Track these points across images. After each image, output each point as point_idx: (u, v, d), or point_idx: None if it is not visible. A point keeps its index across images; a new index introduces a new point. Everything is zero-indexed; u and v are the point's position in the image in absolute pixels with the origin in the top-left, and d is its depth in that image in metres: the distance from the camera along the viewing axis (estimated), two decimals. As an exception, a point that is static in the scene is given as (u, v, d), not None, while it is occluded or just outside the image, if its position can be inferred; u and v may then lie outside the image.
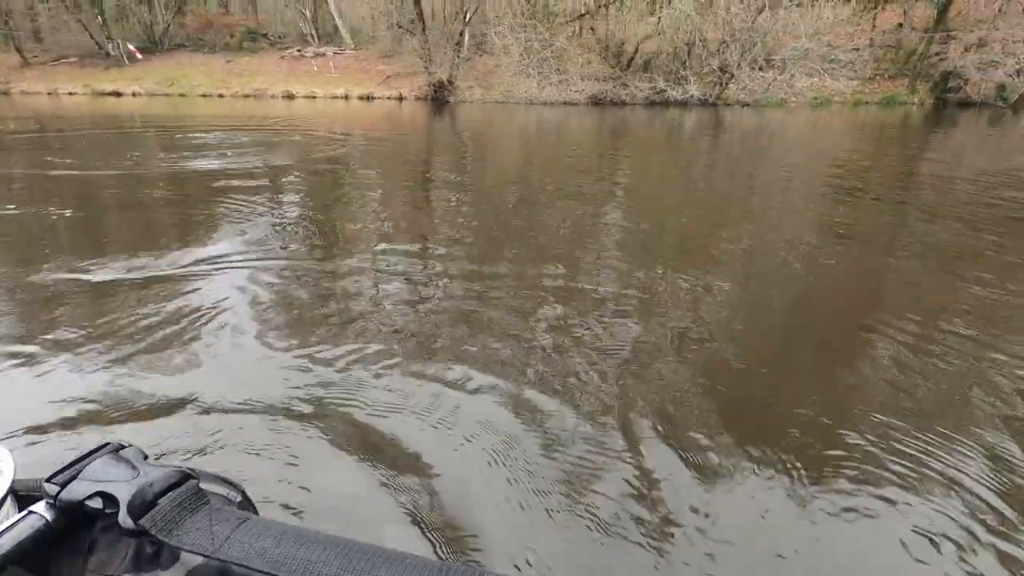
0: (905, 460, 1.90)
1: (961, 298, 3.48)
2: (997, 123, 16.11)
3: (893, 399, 2.28)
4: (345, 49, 32.32)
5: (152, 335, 2.65)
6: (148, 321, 2.80)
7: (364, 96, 26.58)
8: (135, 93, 26.44)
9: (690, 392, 2.27)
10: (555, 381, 2.33)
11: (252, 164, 7.80)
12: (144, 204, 5.53)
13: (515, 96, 23.75)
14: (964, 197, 6.58)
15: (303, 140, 11.31)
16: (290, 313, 2.98)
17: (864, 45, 24.98)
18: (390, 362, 2.46)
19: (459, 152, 10.55)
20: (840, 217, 5.69)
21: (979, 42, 19.80)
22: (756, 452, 1.91)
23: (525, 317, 2.94)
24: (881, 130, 14.97)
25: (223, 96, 26.84)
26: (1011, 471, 1.86)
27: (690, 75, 22.23)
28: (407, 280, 3.47)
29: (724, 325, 2.97)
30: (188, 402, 2.12)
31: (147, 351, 2.50)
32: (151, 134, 12.25)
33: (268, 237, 4.31)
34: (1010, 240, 4.68)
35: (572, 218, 5.18)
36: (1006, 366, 2.55)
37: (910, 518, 1.66)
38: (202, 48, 32.19)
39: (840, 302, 3.47)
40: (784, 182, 7.86)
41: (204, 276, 3.43)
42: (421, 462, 1.83)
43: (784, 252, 4.39)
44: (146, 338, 2.62)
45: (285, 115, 17.92)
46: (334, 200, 5.92)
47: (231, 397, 2.15)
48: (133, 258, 3.72)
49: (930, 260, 4.31)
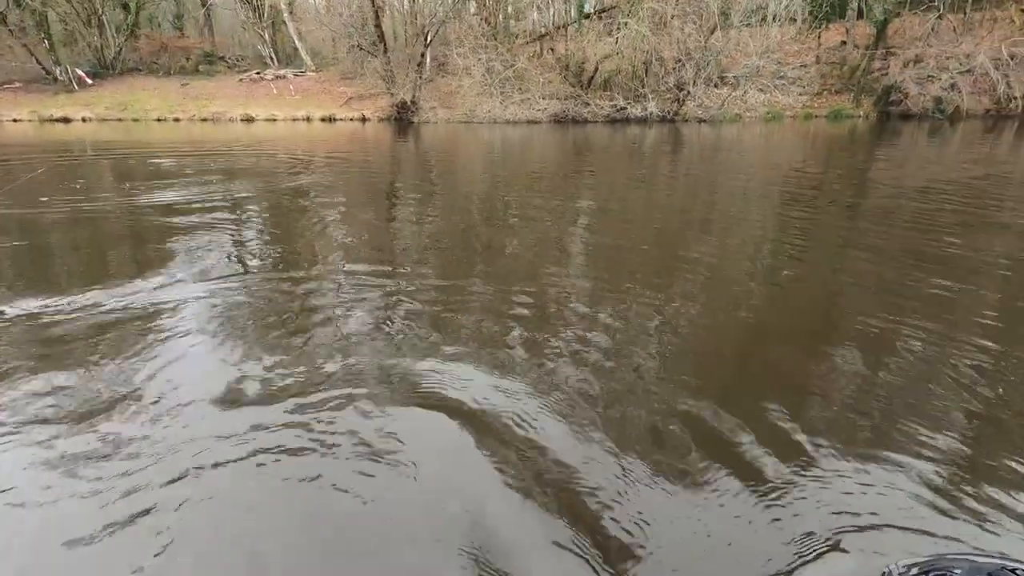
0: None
1: (915, 292, 3.64)
2: (936, 134, 16.99)
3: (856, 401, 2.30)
4: (306, 71, 32.06)
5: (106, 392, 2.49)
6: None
7: (326, 118, 26.34)
8: (85, 119, 25.57)
9: (657, 412, 2.25)
10: (515, 408, 2.28)
11: (209, 193, 7.57)
12: (94, 243, 5.29)
13: (478, 116, 23.90)
14: (910, 203, 6.88)
15: (264, 164, 11.08)
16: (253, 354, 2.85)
17: (811, 62, 26.14)
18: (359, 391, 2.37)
19: (424, 172, 10.51)
20: (797, 222, 5.90)
21: (916, 58, 20.94)
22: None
23: (493, 338, 2.90)
24: (831, 142, 15.61)
25: (179, 120, 26.20)
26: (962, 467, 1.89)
27: (648, 93, 22.81)
28: (373, 310, 3.38)
29: (690, 335, 2.98)
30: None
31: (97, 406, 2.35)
32: (104, 162, 11.81)
33: (224, 272, 4.15)
34: (959, 239, 4.90)
35: (538, 236, 5.17)
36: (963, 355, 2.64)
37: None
38: (156, 72, 31.47)
39: (803, 301, 3.54)
40: (742, 192, 8.08)
41: (163, 311, 3.27)
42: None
43: (747, 261, 4.48)
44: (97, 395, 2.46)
45: (245, 139, 17.57)
46: (299, 228, 5.73)
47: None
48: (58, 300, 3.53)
49: (884, 257, 4.50)
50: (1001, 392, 2.43)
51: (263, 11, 32.98)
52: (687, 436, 2.08)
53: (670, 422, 2.18)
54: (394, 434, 2.09)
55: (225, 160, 11.55)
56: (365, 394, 2.36)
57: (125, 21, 31.54)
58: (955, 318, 3.26)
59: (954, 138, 15.80)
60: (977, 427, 2.19)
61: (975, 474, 1.92)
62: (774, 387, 2.50)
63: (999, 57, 19.55)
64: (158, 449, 2.02)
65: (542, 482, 1.84)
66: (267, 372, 2.54)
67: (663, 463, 1.94)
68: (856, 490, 1.82)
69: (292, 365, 2.61)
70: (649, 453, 1.99)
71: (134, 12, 31.64)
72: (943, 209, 6.45)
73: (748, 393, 2.44)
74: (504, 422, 2.16)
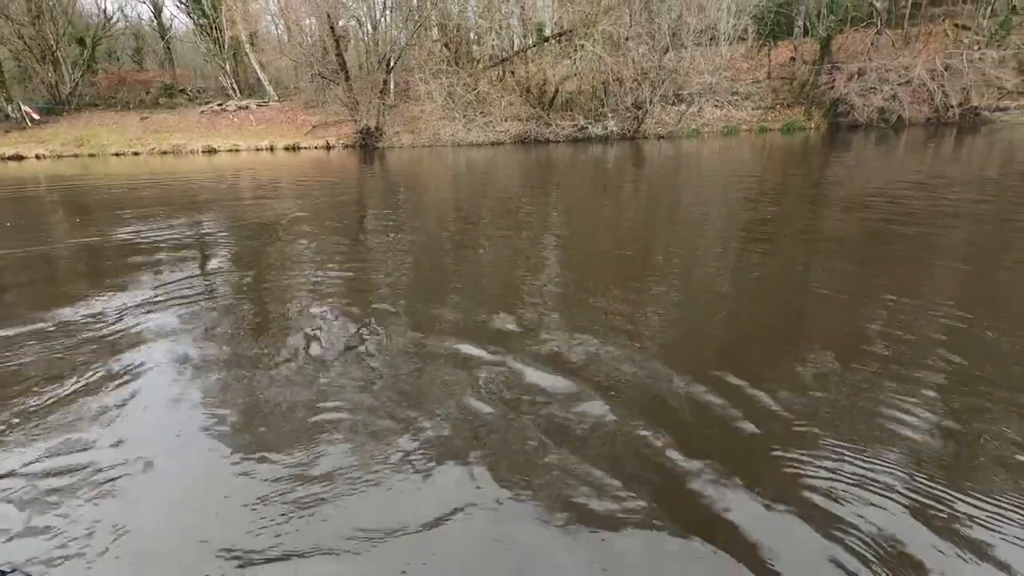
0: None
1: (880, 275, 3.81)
2: (882, 141, 17.75)
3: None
4: (269, 101, 31.97)
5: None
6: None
7: (290, 147, 26.22)
8: (39, 156, 24.98)
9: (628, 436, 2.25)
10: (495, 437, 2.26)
11: (168, 229, 7.40)
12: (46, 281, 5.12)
13: (442, 139, 24.11)
14: (864, 205, 7.16)
15: (224, 196, 10.94)
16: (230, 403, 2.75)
17: (763, 78, 27.17)
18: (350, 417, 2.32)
19: (392, 197, 10.47)
20: (762, 222, 6.14)
21: (859, 71, 21.90)
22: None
23: (466, 366, 2.87)
24: (786, 152, 16.17)
25: (138, 154, 25.78)
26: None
27: (608, 112, 23.33)
28: (351, 348, 3.24)
29: (664, 349, 3.01)
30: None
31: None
32: (54, 199, 11.52)
33: (194, 316, 3.88)
34: (911, 232, 5.09)
35: (507, 259, 5.13)
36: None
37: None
38: (115, 106, 31.03)
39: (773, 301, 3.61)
40: (704, 203, 8.30)
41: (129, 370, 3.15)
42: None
43: (714, 268, 4.59)
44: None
45: (206, 170, 17.36)
46: (265, 261, 5.48)
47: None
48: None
49: (845, 252, 4.76)
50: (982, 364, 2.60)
51: (223, 43, 32.92)
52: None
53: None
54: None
55: (184, 191, 11.39)
56: (341, 439, 2.29)
57: (81, 56, 31.14)
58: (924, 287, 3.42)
59: (899, 145, 16.51)
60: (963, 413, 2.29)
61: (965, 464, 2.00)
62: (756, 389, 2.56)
63: (935, 68, 20.59)
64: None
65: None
66: (232, 419, 2.46)
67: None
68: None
69: (260, 411, 2.51)
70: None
71: (91, 47, 31.27)
72: (894, 204, 6.77)
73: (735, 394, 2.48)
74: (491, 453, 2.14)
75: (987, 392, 2.44)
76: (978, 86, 20.92)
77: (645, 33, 22.78)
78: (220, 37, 32.92)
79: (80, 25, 32.89)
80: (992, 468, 1.95)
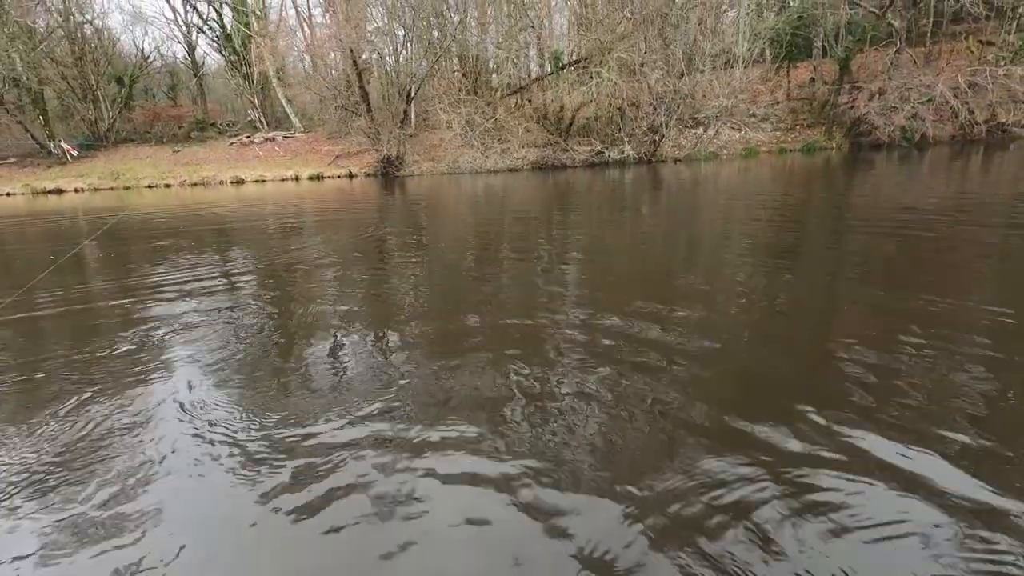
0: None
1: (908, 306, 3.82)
2: (905, 160, 17.43)
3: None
4: (295, 132, 33.07)
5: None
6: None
7: (314, 176, 26.97)
8: (78, 189, 26.18)
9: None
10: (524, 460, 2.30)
11: (193, 254, 7.65)
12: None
13: (461, 166, 24.52)
14: (888, 224, 7.06)
15: (251, 224, 11.29)
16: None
17: (783, 99, 27.10)
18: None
19: (414, 223, 10.61)
20: (786, 248, 6.20)
21: (879, 90, 21.66)
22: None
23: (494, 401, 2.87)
24: (808, 173, 16.00)
25: (170, 186, 26.81)
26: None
27: (624, 137, 23.46)
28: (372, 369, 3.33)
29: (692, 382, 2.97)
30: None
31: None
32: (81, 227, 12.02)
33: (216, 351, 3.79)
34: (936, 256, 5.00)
35: (527, 286, 5.08)
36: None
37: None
38: (149, 141, 32.45)
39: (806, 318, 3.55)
40: (723, 223, 8.31)
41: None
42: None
43: (742, 293, 4.53)
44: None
45: (234, 200, 17.96)
46: (292, 288, 5.51)
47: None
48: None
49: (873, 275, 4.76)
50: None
51: (252, 78, 34.31)
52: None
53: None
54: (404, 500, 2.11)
55: (215, 219, 11.79)
56: (367, 466, 2.35)
57: (119, 94, 32.75)
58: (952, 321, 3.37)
59: (922, 164, 16.19)
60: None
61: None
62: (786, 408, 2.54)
63: (957, 86, 20.25)
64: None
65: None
66: (263, 440, 2.55)
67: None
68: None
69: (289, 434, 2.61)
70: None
71: (128, 85, 32.88)
72: (918, 224, 6.65)
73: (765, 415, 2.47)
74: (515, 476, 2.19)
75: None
76: (1004, 103, 20.47)
77: (660, 59, 22.99)
78: (249, 73, 34.36)
79: (119, 65, 34.68)
80: None
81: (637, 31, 23.61)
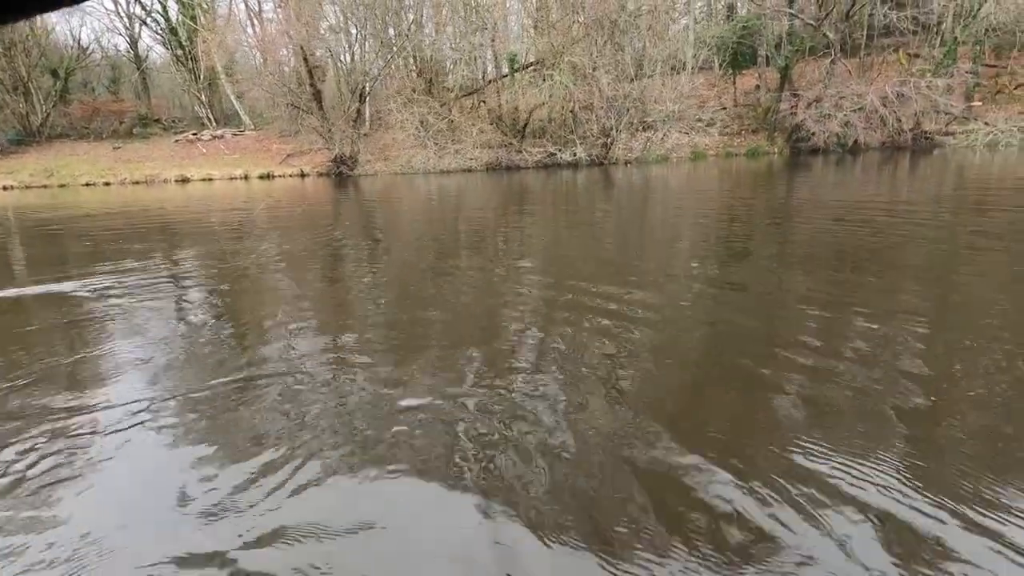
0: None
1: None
2: (840, 164, 18.45)
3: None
4: (244, 130, 32.17)
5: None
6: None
7: (264, 175, 26.33)
8: (7, 187, 24.77)
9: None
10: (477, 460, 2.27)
11: (129, 254, 7.38)
12: None
13: (415, 167, 24.42)
14: (825, 223, 7.55)
15: (195, 226, 10.94)
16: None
17: (729, 105, 28.09)
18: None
19: (367, 225, 10.46)
20: (735, 240, 6.57)
21: (816, 99, 22.76)
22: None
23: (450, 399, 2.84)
24: (753, 176, 16.76)
25: (109, 184, 25.68)
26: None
27: (576, 139, 23.87)
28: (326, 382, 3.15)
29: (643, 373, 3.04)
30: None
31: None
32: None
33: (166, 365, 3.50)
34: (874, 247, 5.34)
35: (482, 292, 5.01)
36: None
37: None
38: (87, 137, 30.97)
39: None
40: (674, 221, 8.68)
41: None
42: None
43: (691, 284, 4.78)
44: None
45: (178, 200, 17.36)
46: (242, 299, 5.23)
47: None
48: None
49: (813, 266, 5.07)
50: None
51: (199, 73, 33.19)
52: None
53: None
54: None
55: (151, 218, 11.38)
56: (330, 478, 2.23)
57: (54, 87, 31.13)
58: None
59: (855, 168, 17.19)
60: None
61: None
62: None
63: (886, 96, 21.49)
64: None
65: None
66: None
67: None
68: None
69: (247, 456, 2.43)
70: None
71: (63, 78, 31.30)
72: (851, 220, 7.14)
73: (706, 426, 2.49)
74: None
75: (958, 400, 2.56)
76: (928, 112, 21.84)
77: (611, 63, 23.50)
78: (196, 68, 33.21)
79: (54, 56, 32.96)
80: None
81: (589, 36, 24.06)
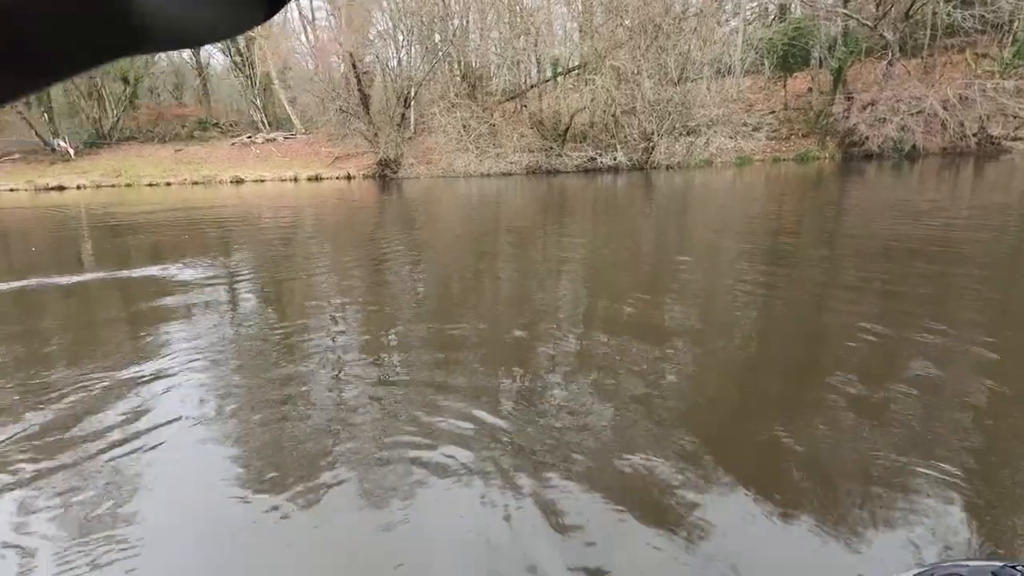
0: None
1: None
2: (897, 171, 17.62)
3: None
4: (296, 134, 33.41)
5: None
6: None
7: (312, 177, 27.30)
8: (79, 186, 26.57)
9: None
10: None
11: (193, 259, 7.40)
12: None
13: (456, 170, 24.78)
14: (881, 229, 7.45)
15: (249, 224, 11.58)
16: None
17: (779, 108, 27.23)
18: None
19: (410, 225, 10.88)
20: (776, 253, 6.55)
21: (871, 102, 21.80)
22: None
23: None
24: (802, 181, 16.27)
25: (170, 184, 27.19)
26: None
27: (617, 143, 23.68)
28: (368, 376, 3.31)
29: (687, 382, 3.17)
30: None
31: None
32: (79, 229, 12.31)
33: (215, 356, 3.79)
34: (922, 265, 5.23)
35: (521, 298, 5.09)
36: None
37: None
38: (152, 140, 32.85)
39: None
40: (719, 228, 8.64)
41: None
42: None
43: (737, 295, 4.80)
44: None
45: (233, 199, 18.28)
46: (289, 291, 5.56)
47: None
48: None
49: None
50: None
51: (255, 79, 34.69)
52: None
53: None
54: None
55: (209, 216, 12.07)
56: (367, 475, 2.34)
57: (124, 93, 33.16)
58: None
59: (912, 175, 16.38)
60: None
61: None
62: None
63: (947, 99, 20.37)
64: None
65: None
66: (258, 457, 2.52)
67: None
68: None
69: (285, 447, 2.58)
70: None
71: (132, 84, 33.30)
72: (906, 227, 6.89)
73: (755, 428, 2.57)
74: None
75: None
76: (995, 116, 20.57)
77: (654, 67, 23.21)
78: (252, 74, 34.75)
79: (125, 63, 35.09)
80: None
81: (632, 39, 23.85)
